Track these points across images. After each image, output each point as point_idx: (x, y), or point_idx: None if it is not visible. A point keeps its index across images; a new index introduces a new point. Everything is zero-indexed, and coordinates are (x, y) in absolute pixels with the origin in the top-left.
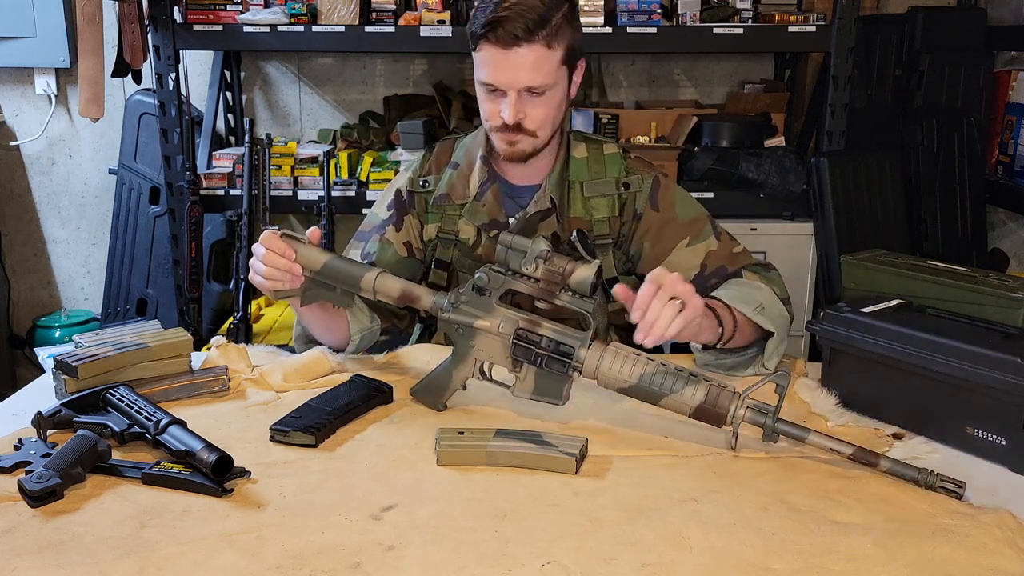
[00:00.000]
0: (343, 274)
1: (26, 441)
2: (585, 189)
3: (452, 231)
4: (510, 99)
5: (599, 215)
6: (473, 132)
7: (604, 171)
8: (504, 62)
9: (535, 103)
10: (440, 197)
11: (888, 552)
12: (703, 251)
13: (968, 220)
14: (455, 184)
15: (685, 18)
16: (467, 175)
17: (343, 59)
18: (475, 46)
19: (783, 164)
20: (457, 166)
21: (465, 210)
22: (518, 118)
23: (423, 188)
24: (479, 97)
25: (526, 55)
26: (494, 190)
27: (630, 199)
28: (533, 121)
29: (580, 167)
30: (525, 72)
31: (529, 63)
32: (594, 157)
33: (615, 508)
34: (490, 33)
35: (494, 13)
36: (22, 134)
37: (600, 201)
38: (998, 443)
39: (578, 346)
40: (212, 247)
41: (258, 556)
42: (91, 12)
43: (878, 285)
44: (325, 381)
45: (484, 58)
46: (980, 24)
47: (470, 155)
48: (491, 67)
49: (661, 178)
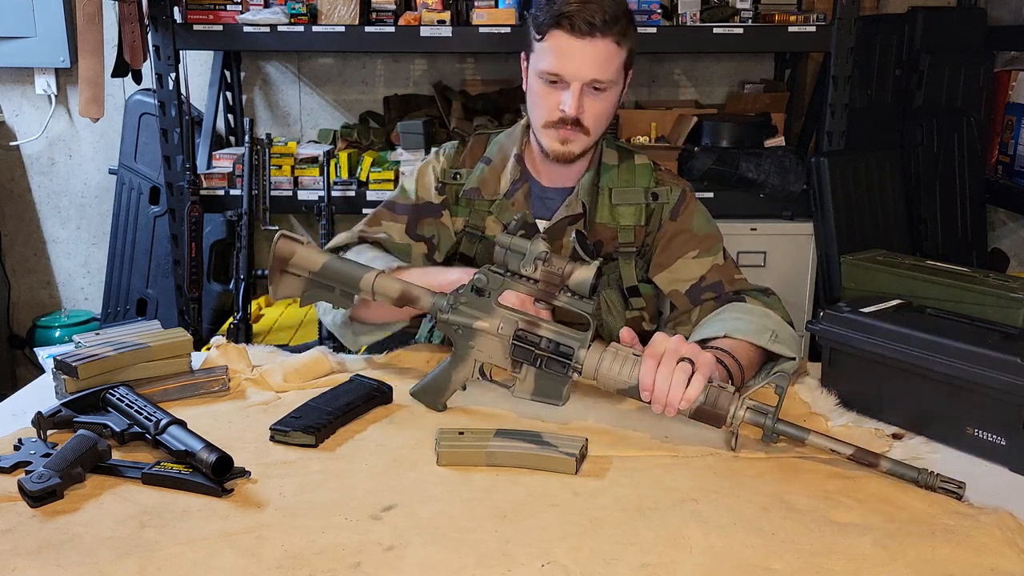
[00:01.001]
0: (342, 275)
1: (26, 441)
2: (613, 196)
3: (479, 226)
4: (573, 91)
5: (625, 223)
6: (508, 129)
7: (634, 180)
8: (576, 52)
9: (595, 99)
10: (470, 191)
11: (888, 552)
12: (708, 265)
13: (968, 220)
14: (486, 179)
15: (685, 18)
16: (499, 172)
17: (343, 59)
18: (542, 35)
19: (783, 164)
20: (489, 161)
21: (494, 207)
22: (579, 112)
23: (454, 180)
24: (534, 91)
25: (599, 47)
26: (525, 190)
27: (657, 209)
28: (591, 117)
29: (611, 174)
30: (595, 65)
31: (600, 56)
32: (625, 166)
33: (615, 508)
34: (565, 20)
35: (568, 5)
36: (22, 134)
37: (627, 209)
38: (998, 443)
39: (578, 347)
40: (212, 247)
41: (258, 556)
42: (91, 12)
43: (878, 285)
44: (325, 381)
45: (552, 47)
46: (980, 24)
47: (504, 152)
48: (560, 56)
49: (688, 192)
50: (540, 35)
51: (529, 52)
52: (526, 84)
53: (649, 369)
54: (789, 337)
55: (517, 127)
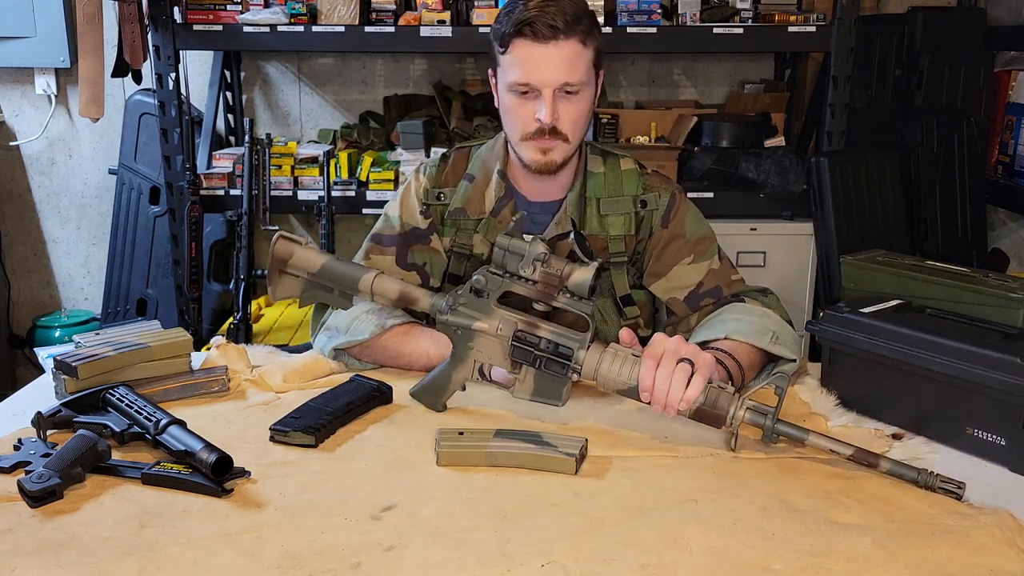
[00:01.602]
0: (341, 276)
1: (26, 441)
2: (601, 206)
3: (466, 245)
4: (546, 98)
5: (615, 233)
6: (489, 142)
7: (621, 188)
8: (541, 58)
9: (569, 102)
10: (455, 211)
11: (888, 552)
12: (704, 270)
13: (968, 220)
14: (471, 198)
15: (685, 18)
16: (483, 189)
17: (343, 59)
18: (505, 48)
19: (783, 164)
20: (473, 179)
21: (481, 226)
22: (554, 119)
23: (438, 200)
24: (507, 106)
25: (564, 50)
26: (511, 206)
27: (647, 217)
28: (567, 123)
29: (597, 183)
30: (563, 68)
31: (567, 58)
32: (611, 173)
33: (615, 508)
34: (526, 28)
35: (526, 12)
36: (22, 134)
37: (616, 219)
38: (998, 443)
39: (577, 348)
40: (212, 247)
41: (258, 556)
42: (91, 12)
43: (878, 285)
44: (325, 381)
45: (517, 58)
46: (980, 24)
47: (486, 168)
48: (526, 65)
49: (678, 194)
50: (504, 48)
51: (496, 68)
52: (498, 101)
53: (649, 370)
54: (789, 338)
55: (498, 141)
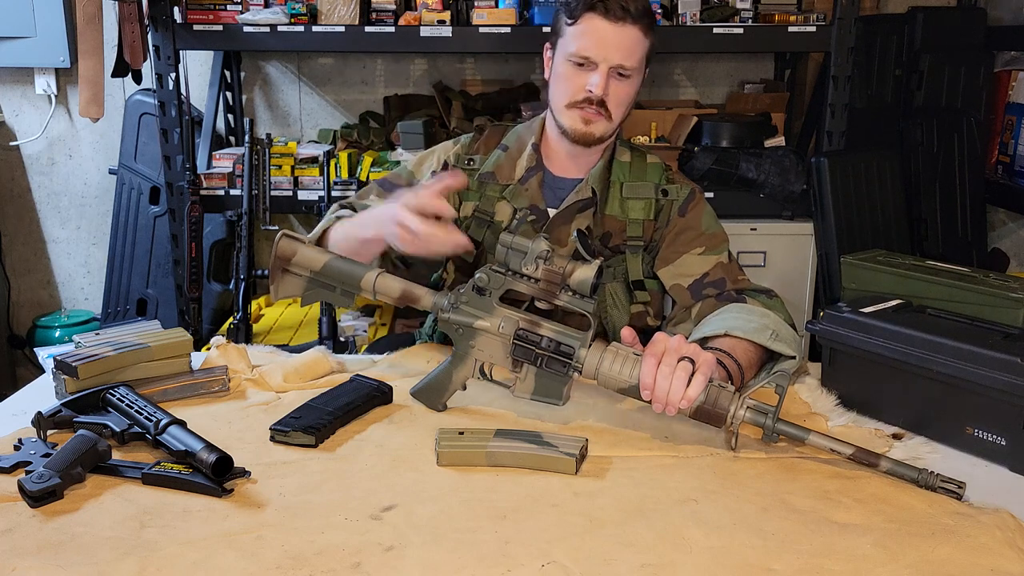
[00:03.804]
0: (343, 274)
1: (26, 441)
2: (624, 190)
3: (488, 211)
4: (601, 72)
5: (634, 216)
6: (528, 121)
7: (645, 175)
8: (608, 35)
9: (620, 84)
10: (485, 175)
11: (888, 552)
12: (713, 262)
13: (968, 220)
14: (502, 165)
15: (685, 18)
16: (515, 159)
17: (343, 59)
18: (574, 19)
19: (783, 164)
20: (507, 148)
21: (508, 192)
22: (605, 93)
23: (468, 166)
24: (560, 74)
25: (629, 33)
26: (539, 178)
27: (667, 206)
28: (614, 101)
29: (623, 169)
30: (623, 50)
31: (629, 42)
32: (637, 164)
33: (615, 508)
34: (600, 5)
35: None
36: (22, 134)
37: (637, 203)
38: (998, 443)
39: (578, 346)
40: (212, 247)
41: (258, 556)
42: (91, 12)
43: (878, 285)
44: (325, 381)
45: (585, 30)
46: (980, 24)
47: (521, 140)
48: (591, 39)
49: (698, 192)
50: (572, 19)
51: (556, 40)
52: (547, 73)
53: (650, 368)
54: (789, 336)
55: (536, 120)
